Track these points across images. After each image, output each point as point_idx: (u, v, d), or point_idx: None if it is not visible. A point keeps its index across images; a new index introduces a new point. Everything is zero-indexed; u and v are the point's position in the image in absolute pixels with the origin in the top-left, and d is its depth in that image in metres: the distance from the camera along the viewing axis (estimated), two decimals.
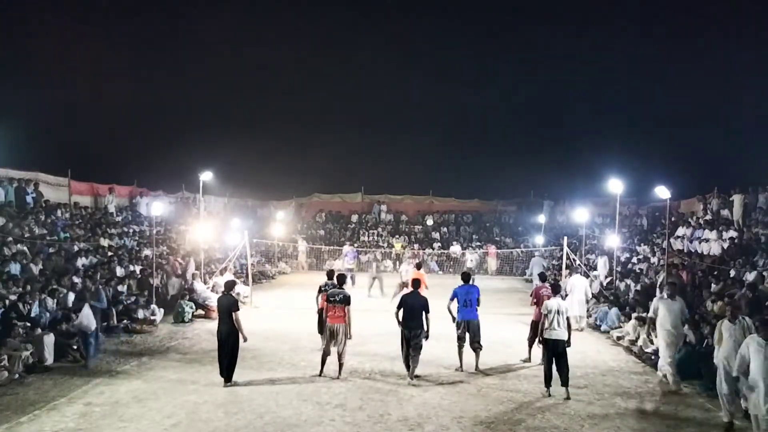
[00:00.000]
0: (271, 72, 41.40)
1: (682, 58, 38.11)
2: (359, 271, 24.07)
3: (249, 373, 9.64)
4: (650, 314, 10.04)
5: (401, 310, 9.39)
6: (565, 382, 8.75)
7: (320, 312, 10.23)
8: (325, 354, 9.50)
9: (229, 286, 9.58)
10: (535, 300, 11.01)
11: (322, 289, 10.46)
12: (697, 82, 34.01)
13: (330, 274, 10.84)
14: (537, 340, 10.01)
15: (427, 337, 9.36)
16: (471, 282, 10.55)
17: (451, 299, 10.32)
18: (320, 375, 9.50)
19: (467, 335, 10.10)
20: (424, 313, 9.30)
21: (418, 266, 15.54)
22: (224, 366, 9.04)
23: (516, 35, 46.35)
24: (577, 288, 14.22)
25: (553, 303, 9.15)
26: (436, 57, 46.47)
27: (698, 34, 37.50)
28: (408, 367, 9.45)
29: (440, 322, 10.09)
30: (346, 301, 9.43)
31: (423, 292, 10.33)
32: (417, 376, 9.43)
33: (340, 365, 9.50)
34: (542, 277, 11.94)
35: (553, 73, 44.10)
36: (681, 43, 39.20)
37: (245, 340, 9.06)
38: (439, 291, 14.92)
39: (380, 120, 43.12)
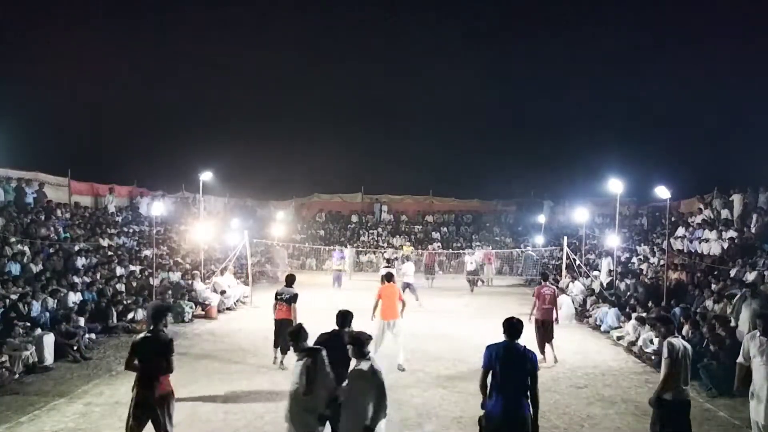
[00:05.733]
0: (272, 72, 41.49)
1: (682, 57, 38.19)
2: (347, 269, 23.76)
3: (249, 373, 9.65)
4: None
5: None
6: None
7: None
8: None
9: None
10: (536, 300, 11.00)
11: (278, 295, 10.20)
12: (697, 81, 34.03)
13: (289, 279, 10.41)
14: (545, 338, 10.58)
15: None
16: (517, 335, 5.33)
17: (484, 367, 5.36)
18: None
19: None
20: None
21: (389, 277, 10.41)
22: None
23: (516, 35, 46.44)
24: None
25: (678, 343, 5.70)
26: (436, 57, 46.53)
27: (698, 34, 37.53)
28: None
29: (441, 321, 10.05)
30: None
31: (400, 310, 9.68)
32: None
33: None
34: (545, 277, 11.93)
35: (553, 73, 44.16)
36: (681, 43, 39.24)
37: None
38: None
39: (381, 120, 43.19)
